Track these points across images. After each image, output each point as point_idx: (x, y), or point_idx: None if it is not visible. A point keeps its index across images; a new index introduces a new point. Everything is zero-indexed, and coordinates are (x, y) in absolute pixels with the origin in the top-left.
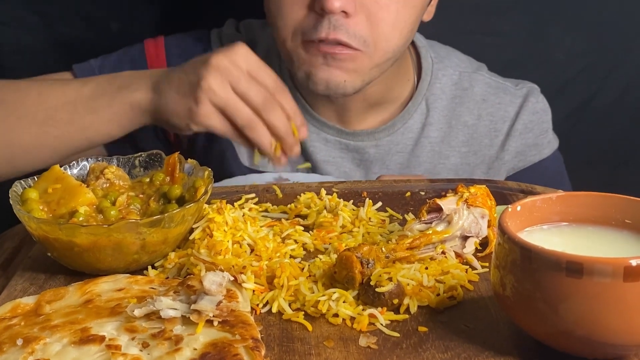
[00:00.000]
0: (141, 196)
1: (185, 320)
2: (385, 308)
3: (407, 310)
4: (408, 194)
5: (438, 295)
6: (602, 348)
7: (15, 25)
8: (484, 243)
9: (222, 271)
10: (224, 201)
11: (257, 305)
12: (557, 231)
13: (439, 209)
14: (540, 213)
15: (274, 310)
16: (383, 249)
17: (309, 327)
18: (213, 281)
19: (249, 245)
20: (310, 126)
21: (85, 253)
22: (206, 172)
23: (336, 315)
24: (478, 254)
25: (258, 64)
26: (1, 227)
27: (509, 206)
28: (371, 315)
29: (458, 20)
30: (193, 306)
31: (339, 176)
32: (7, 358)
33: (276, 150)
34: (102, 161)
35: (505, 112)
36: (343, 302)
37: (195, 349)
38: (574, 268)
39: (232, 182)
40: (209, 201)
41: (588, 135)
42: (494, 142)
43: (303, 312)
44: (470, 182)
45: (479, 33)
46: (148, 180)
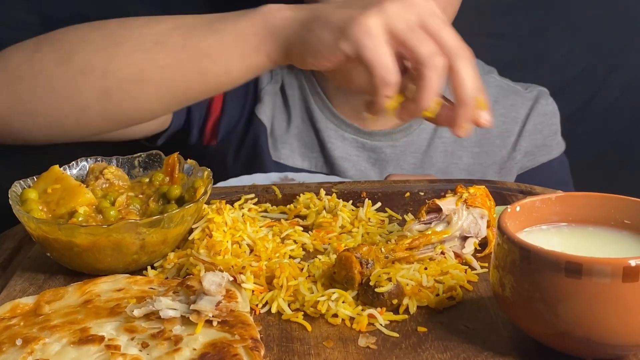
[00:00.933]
0: (140, 196)
1: (184, 320)
2: (384, 308)
3: (407, 310)
4: (407, 195)
5: (437, 295)
6: (601, 348)
7: (14, 25)
8: (483, 243)
9: (222, 271)
10: (224, 201)
11: (257, 305)
12: (556, 231)
13: (438, 210)
14: (539, 213)
15: (274, 310)
16: (382, 250)
17: (308, 328)
18: (212, 281)
19: (249, 245)
20: (329, 123)
21: (84, 253)
22: (205, 173)
23: (335, 315)
24: (477, 255)
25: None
26: (0, 228)
27: (509, 206)
28: (370, 315)
29: (457, 21)
30: (192, 306)
31: (355, 174)
32: (7, 358)
33: (428, 112)
34: (102, 161)
35: (516, 114)
36: (342, 303)
37: (194, 349)
38: (573, 268)
39: (237, 182)
40: (209, 201)
41: (588, 136)
42: (506, 143)
43: (302, 313)
44: (469, 183)
45: (479, 34)
46: (147, 180)
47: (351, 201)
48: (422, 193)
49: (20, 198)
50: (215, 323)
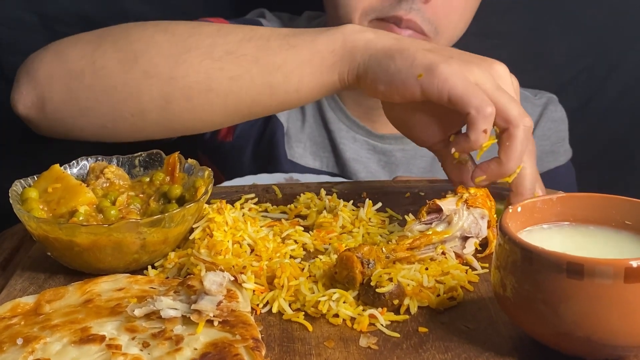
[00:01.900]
0: (141, 196)
1: (185, 320)
2: (385, 308)
3: (408, 310)
4: (408, 195)
5: (438, 295)
6: (603, 349)
7: (13, 25)
8: (484, 244)
9: (223, 271)
10: (224, 201)
11: (258, 305)
12: (558, 232)
13: (439, 210)
14: (540, 214)
15: (274, 310)
16: (383, 250)
17: (309, 328)
18: (213, 281)
19: (249, 245)
20: (341, 124)
21: (85, 252)
22: (206, 172)
23: (336, 315)
24: (478, 255)
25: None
26: (1, 227)
27: (510, 207)
28: (371, 315)
29: None
30: (193, 306)
31: (366, 176)
32: (7, 357)
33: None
34: (102, 161)
35: None
36: (343, 303)
37: (195, 349)
38: (575, 269)
39: (242, 181)
40: (209, 201)
41: (587, 136)
42: None
43: (303, 313)
44: None
45: (477, 34)
46: (148, 179)
47: (352, 201)
48: (423, 193)
49: (20, 197)
50: (216, 323)
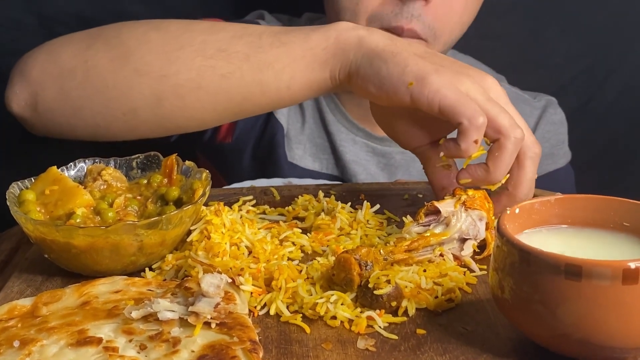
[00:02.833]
0: (139, 198)
1: (182, 322)
2: (383, 310)
3: (405, 312)
4: (406, 197)
5: (436, 297)
6: (601, 351)
7: (12, 26)
8: (482, 245)
9: (220, 273)
10: (222, 203)
11: (255, 307)
12: (556, 234)
13: (437, 212)
14: (538, 215)
15: (272, 312)
16: (381, 251)
17: (307, 330)
18: (211, 283)
19: (247, 247)
20: (341, 126)
21: (82, 255)
22: (204, 174)
23: (334, 317)
24: (476, 257)
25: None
26: None
27: (508, 208)
28: (369, 317)
29: None
30: (191, 308)
31: (366, 178)
32: None
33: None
34: (100, 163)
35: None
36: (341, 305)
37: (193, 351)
38: (573, 271)
39: (240, 185)
40: (207, 203)
41: (585, 138)
42: None
43: (301, 315)
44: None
45: (476, 36)
46: (145, 182)
47: (349, 203)
48: (421, 195)
49: (18, 199)
50: (213, 325)
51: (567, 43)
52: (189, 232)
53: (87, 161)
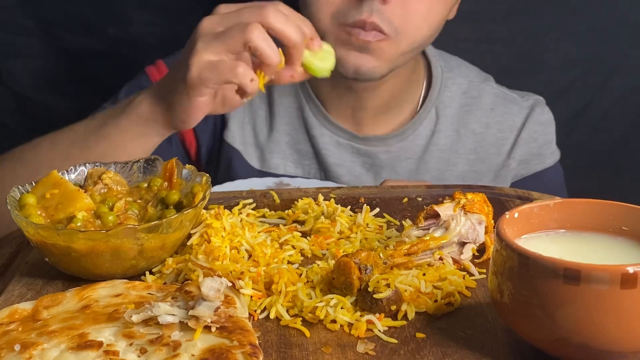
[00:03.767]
0: (139, 202)
1: (183, 326)
2: (383, 314)
3: (405, 316)
4: (405, 200)
5: (435, 301)
6: (599, 355)
7: (12, 29)
8: (481, 249)
9: (220, 277)
10: (222, 207)
11: (255, 311)
12: (555, 238)
13: (436, 215)
14: (537, 220)
15: (272, 316)
16: (381, 255)
17: (307, 333)
18: (211, 287)
19: (247, 251)
20: (323, 129)
21: (83, 258)
22: (204, 178)
23: (334, 321)
24: (475, 260)
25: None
26: None
27: (507, 213)
28: (369, 321)
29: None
30: (191, 312)
31: (350, 179)
32: None
33: (280, 64)
34: (100, 166)
35: (512, 122)
36: (341, 308)
37: (193, 355)
38: (572, 275)
39: (233, 186)
40: (207, 207)
41: (584, 142)
42: (501, 151)
43: (301, 318)
44: (467, 189)
45: (475, 40)
46: (146, 185)
47: (349, 207)
48: (420, 199)
49: (18, 203)
50: (213, 329)
51: (566, 47)
52: (189, 236)
53: (88, 165)
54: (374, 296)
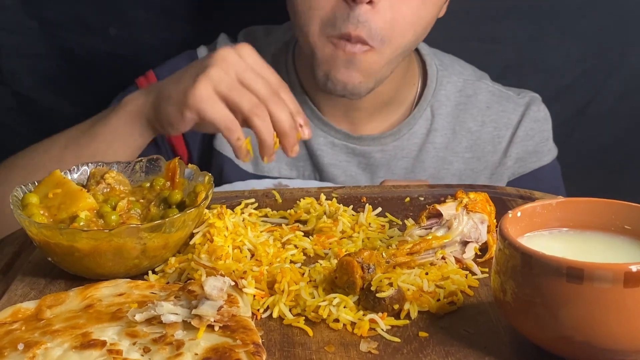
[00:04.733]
0: (142, 201)
1: (186, 325)
2: (385, 313)
3: (408, 315)
4: (407, 200)
5: (438, 300)
6: (602, 353)
7: (14, 30)
8: (484, 248)
9: (223, 276)
10: (224, 206)
11: (258, 310)
12: (558, 237)
13: (439, 215)
14: (540, 219)
15: (275, 315)
16: (383, 254)
17: (310, 333)
18: (214, 286)
19: (250, 250)
20: (318, 130)
21: (85, 258)
22: (206, 177)
23: (337, 320)
24: (478, 260)
25: (262, 62)
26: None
27: (509, 212)
28: (372, 320)
29: (454, 26)
30: (194, 311)
31: (345, 180)
32: None
33: (275, 145)
34: (103, 166)
35: (508, 120)
36: (344, 308)
37: (196, 354)
38: (575, 274)
39: (232, 188)
40: (209, 206)
41: (585, 141)
42: (497, 149)
43: (304, 318)
44: (469, 188)
45: (475, 39)
46: (148, 185)
47: (351, 206)
48: (422, 198)
49: (21, 202)
50: (216, 328)
51: (566, 47)
52: (192, 235)
53: (91, 164)
54: (377, 295)
